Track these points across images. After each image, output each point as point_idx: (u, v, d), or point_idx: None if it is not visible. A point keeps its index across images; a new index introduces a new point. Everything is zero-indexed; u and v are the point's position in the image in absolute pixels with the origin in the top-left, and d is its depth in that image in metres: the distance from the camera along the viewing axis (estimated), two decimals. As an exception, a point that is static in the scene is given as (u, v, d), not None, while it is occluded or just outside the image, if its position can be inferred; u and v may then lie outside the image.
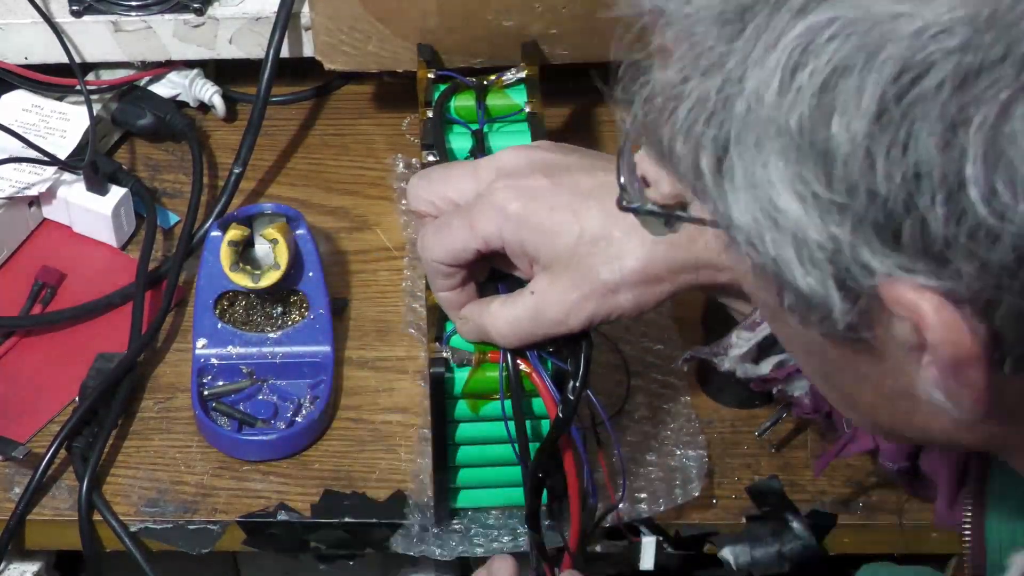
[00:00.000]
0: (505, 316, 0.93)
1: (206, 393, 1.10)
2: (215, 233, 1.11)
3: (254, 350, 1.12)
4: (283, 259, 1.09)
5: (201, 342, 1.12)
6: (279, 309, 1.13)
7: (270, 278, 1.09)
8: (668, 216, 0.73)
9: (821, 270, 0.60)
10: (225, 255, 1.09)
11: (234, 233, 1.10)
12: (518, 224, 0.91)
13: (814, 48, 0.58)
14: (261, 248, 1.12)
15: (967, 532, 0.88)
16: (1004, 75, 0.56)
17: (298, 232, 1.12)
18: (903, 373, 0.64)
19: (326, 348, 1.12)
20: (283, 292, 1.13)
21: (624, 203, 0.74)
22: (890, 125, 0.57)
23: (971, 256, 0.57)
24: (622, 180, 0.74)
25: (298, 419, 1.10)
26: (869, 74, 0.57)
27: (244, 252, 1.11)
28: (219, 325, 1.12)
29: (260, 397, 1.11)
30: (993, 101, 0.56)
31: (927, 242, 0.58)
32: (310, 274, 1.12)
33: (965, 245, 0.57)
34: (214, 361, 1.11)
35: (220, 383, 1.11)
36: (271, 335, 1.12)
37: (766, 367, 0.94)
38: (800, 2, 0.59)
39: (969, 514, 0.88)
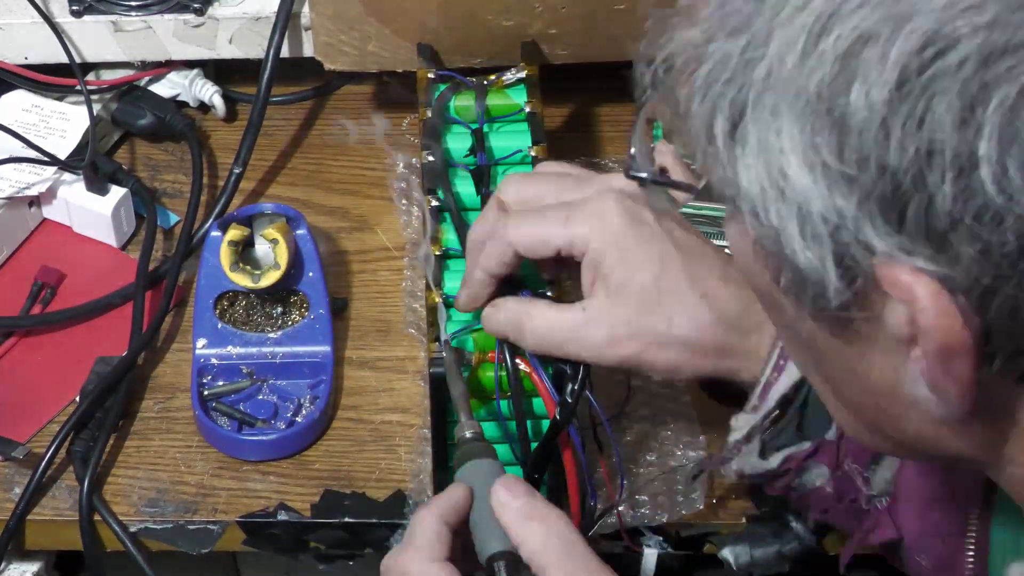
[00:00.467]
0: (548, 317, 0.92)
1: (206, 393, 1.10)
2: (215, 233, 1.11)
3: (254, 350, 1.12)
4: (283, 259, 1.09)
5: (201, 342, 1.12)
6: (279, 309, 1.13)
7: (270, 278, 1.09)
8: (674, 186, 0.73)
9: (821, 245, 0.60)
10: (225, 255, 1.09)
11: (234, 233, 1.10)
12: (611, 240, 0.90)
13: (841, 14, 0.58)
14: (261, 248, 1.12)
15: (971, 551, 0.87)
16: None
17: (298, 232, 1.12)
18: (890, 367, 0.64)
19: (326, 348, 1.12)
20: (283, 292, 1.13)
21: (632, 172, 0.74)
22: (909, 97, 0.57)
23: (974, 238, 0.57)
24: (633, 150, 0.74)
25: (298, 419, 1.10)
26: (894, 44, 0.57)
27: (244, 252, 1.11)
28: (219, 325, 1.12)
29: (260, 397, 1.11)
30: (1015, 81, 0.56)
31: (931, 222, 0.58)
32: (310, 274, 1.12)
33: (969, 226, 0.57)
34: (214, 361, 1.11)
35: (220, 383, 1.11)
36: (271, 335, 1.12)
37: (774, 461, 0.92)
38: None
39: (973, 533, 0.87)
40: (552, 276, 0.98)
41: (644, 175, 0.74)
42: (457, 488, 0.86)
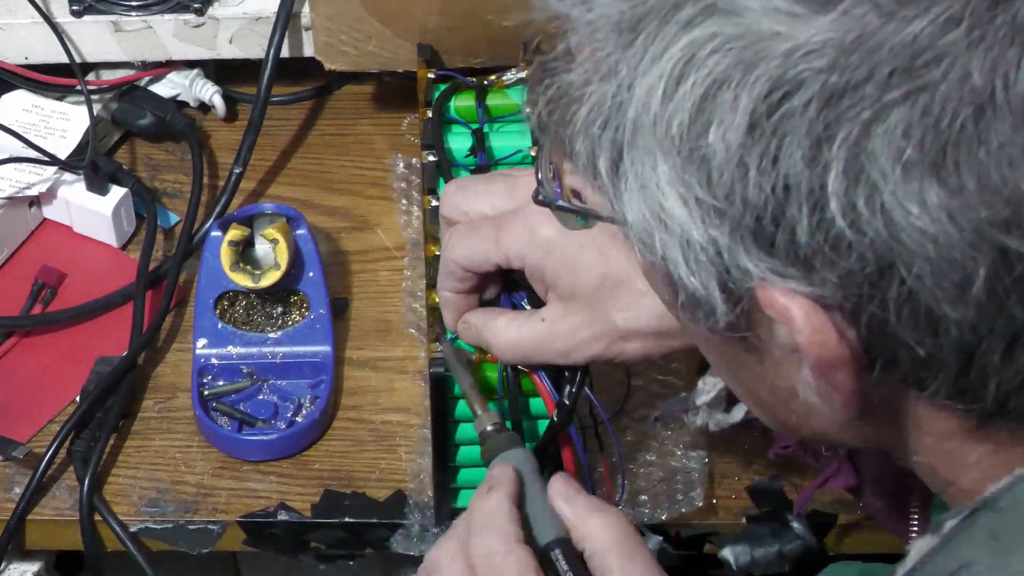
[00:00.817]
0: (510, 335, 0.93)
1: (206, 393, 1.10)
2: (215, 233, 1.11)
3: (254, 350, 1.12)
4: (283, 259, 1.09)
5: (201, 342, 1.12)
6: (279, 309, 1.13)
7: (270, 278, 1.09)
8: (579, 212, 0.76)
9: (705, 271, 0.63)
10: (225, 255, 1.09)
11: (234, 233, 1.10)
12: (545, 251, 0.91)
13: (696, 61, 0.61)
14: (261, 248, 1.12)
15: (914, 528, 0.90)
16: (867, 95, 0.59)
17: (298, 232, 1.12)
18: (786, 373, 0.67)
19: (326, 348, 1.12)
20: (283, 292, 1.13)
21: (540, 198, 0.77)
22: (761, 138, 0.60)
23: (833, 265, 0.61)
24: (539, 176, 0.77)
25: (298, 419, 1.10)
26: (744, 88, 0.60)
27: (244, 252, 1.11)
28: (219, 325, 1.12)
29: (260, 397, 1.11)
30: (856, 120, 0.59)
31: (796, 249, 0.61)
32: (310, 274, 1.12)
33: (828, 255, 0.60)
34: (214, 361, 1.11)
35: (220, 383, 1.11)
36: (271, 335, 1.12)
37: (739, 413, 0.94)
38: (687, 15, 0.61)
39: (916, 515, 0.90)
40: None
41: (551, 200, 0.77)
42: (509, 470, 0.86)
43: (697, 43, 0.61)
